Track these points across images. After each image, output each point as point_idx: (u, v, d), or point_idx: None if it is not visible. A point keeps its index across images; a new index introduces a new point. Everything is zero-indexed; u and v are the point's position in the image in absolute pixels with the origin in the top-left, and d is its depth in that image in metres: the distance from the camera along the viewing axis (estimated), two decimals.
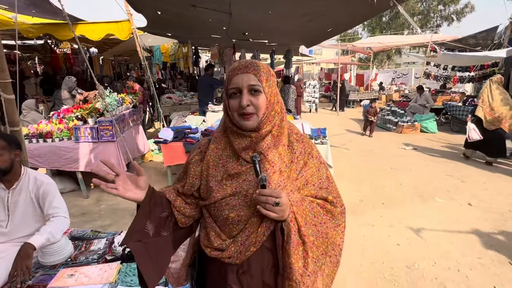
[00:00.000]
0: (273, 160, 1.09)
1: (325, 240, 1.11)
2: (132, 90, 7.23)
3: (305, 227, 1.06)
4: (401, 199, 4.67)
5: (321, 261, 1.10)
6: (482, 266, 3.05)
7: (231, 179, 1.10)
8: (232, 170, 1.10)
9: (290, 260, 1.04)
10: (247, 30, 7.31)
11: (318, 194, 1.14)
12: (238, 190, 1.08)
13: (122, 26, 6.41)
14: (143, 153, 6.22)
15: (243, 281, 1.08)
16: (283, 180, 1.10)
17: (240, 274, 1.09)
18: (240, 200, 1.08)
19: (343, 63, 19.57)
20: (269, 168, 1.08)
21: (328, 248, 1.12)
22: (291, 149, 1.15)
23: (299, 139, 1.19)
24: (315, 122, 9.13)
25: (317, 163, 1.18)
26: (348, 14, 5.29)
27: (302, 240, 1.06)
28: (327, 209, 1.14)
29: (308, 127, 5.24)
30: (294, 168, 1.13)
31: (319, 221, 1.10)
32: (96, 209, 4.32)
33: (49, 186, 2.12)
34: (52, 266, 1.97)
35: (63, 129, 4.60)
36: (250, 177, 1.09)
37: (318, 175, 1.16)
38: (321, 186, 1.15)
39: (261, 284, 1.10)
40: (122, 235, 2.29)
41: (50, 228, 1.98)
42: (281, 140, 1.12)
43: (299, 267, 1.04)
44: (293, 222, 1.05)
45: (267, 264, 1.09)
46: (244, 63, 1.09)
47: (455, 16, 27.81)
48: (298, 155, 1.15)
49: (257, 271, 1.09)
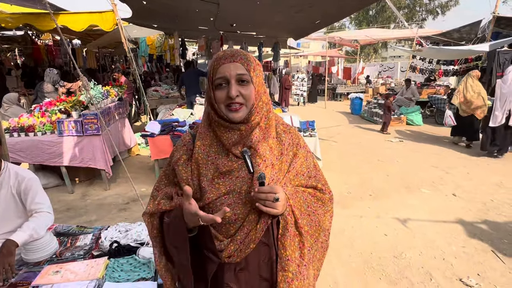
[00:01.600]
0: (264, 154, 1.06)
1: (318, 228, 1.12)
2: (118, 82, 7.07)
3: (301, 218, 1.07)
4: (388, 190, 4.74)
5: (314, 248, 1.12)
6: (466, 255, 3.14)
7: (223, 177, 1.05)
8: (223, 168, 1.05)
9: (287, 252, 1.04)
10: (235, 21, 7.23)
11: (308, 183, 1.15)
12: (232, 188, 1.04)
13: (106, 16, 6.21)
14: (130, 147, 6.12)
15: (241, 278, 1.06)
16: (275, 174, 1.08)
17: (237, 272, 1.06)
18: (235, 198, 1.04)
19: (331, 56, 19.62)
20: (261, 162, 1.05)
21: (320, 235, 1.14)
22: (279, 140, 1.13)
23: (286, 130, 1.17)
24: (303, 115, 9.15)
25: (305, 152, 1.18)
26: (336, 6, 5.28)
27: (299, 232, 1.06)
28: (317, 197, 1.15)
29: (297, 120, 5.25)
30: (285, 160, 1.12)
31: (312, 211, 1.11)
32: (82, 204, 4.24)
33: (31, 181, 2.05)
34: (36, 263, 1.91)
35: (45, 122, 4.47)
36: (243, 173, 1.05)
37: (306, 165, 1.16)
38: (310, 175, 1.17)
39: (258, 279, 1.08)
40: (109, 230, 2.24)
41: (33, 224, 1.91)
42: (270, 133, 1.10)
43: (295, 257, 1.05)
44: (290, 215, 1.05)
45: (263, 258, 1.08)
46: (230, 52, 1.04)
47: (440, 9, 28.18)
48: (287, 147, 1.14)
49: (254, 267, 1.07)
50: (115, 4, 6.01)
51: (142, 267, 1.86)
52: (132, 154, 6.30)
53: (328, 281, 2.76)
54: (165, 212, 1.09)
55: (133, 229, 2.22)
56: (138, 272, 1.81)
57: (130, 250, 2.00)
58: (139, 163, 5.92)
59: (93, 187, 4.79)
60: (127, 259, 1.91)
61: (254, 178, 1.03)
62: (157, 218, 1.10)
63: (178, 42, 9.35)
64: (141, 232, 2.20)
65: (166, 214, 1.08)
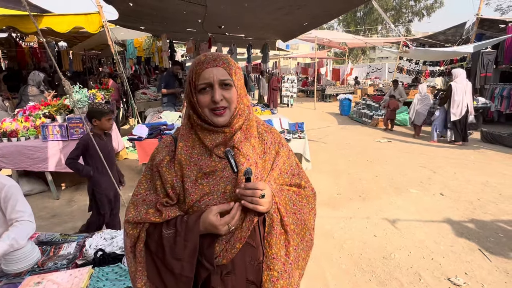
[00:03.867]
0: (247, 153, 1.07)
1: (304, 227, 1.13)
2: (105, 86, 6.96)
3: (287, 216, 1.08)
4: (377, 191, 4.77)
5: (300, 247, 1.12)
6: (454, 254, 3.17)
7: (206, 177, 1.04)
8: (206, 168, 1.04)
9: (272, 251, 1.05)
10: (223, 23, 7.20)
11: (292, 182, 1.17)
12: (216, 189, 1.04)
13: (91, 18, 6.11)
14: (118, 151, 6.01)
15: (227, 282, 1.03)
16: (259, 172, 1.09)
17: (224, 276, 1.04)
18: (220, 198, 1.03)
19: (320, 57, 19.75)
20: (245, 161, 1.06)
21: (306, 234, 1.14)
22: (261, 139, 1.15)
23: (267, 129, 1.20)
24: (293, 116, 9.19)
25: (287, 151, 1.20)
26: (323, 8, 5.31)
27: (284, 230, 1.07)
28: (302, 195, 1.17)
29: (286, 121, 5.24)
30: (268, 159, 1.14)
31: (297, 209, 1.12)
32: (68, 211, 4.14)
33: (12, 188, 1.98)
34: (17, 274, 1.84)
35: (29, 127, 4.36)
36: (227, 173, 1.05)
37: (289, 163, 1.18)
38: (293, 173, 1.18)
39: (245, 282, 1.06)
40: (94, 237, 2.18)
41: (14, 233, 1.84)
42: (251, 133, 1.12)
43: (281, 256, 1.06)
44: (276, 213, 1.05)
45: (250, 260, 1.06)
46: (211, 56, 1.04)
47: (426, 11, 28.71)
48: (270, 145, 1.16)
49: (241, 270, 1.05)
50: (101, 6, 5.92)
51: (127, 276, 1.81)
52: (120, 158, 6.20)
53: (318, 283, 2.75)
54: (152, 224, 1.04)
55: (118, 236, 2.17)
56: (124, 281, 1.77)
57: (115, 258, 1.95)
58: (127, 167, 5.83)
59: (79, 193, 4.69)
60: (112, 268, 1.86)
61: (239, 177, 1.03)
62: (145, 231, 1.05)
63: (166, 44, 9.26)
64: None
65: (164, 226, 1.03)
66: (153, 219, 1.03)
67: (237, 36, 9.05)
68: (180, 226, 1.01)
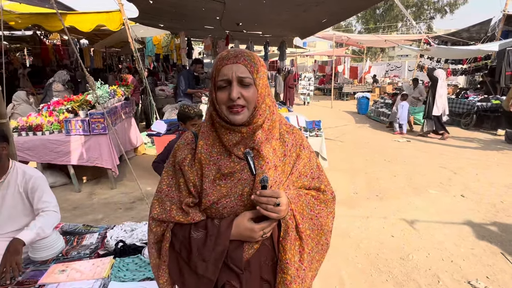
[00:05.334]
0: (267, 155, 1.05)
1: (320, 232, 1.13)
2: (125, 82, 7.11)
3: (302, 223, 1.07)
4: (395, 191, 4.69)
5: (314, 250, 1.12)
6: (475, 257, 3.08)
7: (224, 178, 1.04)
8: (225, 169, 1.03)
9: (286, 256, 1.05)
10: (241, 20, 7.21)
11: (311, 185, 1.15)
12: (233, 191, 1.04)
13: (113, 16, 6.26)
14: (136, 146, 6.15)
15: (242, 278, 1.05)
16: (278, 176, 1.08)
17: (239, 273, 1.06)
18: (237, 200, 1.04)
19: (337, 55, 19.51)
20: (264, 164, 1.04)
21: (322, 238, 1.14)
22: (282, 141, 1.12)
23: (289, 130, 1.17)
24: (309, 114, 9.10)
25: (308, 153, 1.17)
26: (342, 5, 5.24)
27: (299, 236, 1.07)
28: (320, 199, 1.15)
29: (303, 119, 5.22)
30: (288, 162, 1.11)
31: (315, 214, 1.11)
32: (88, 203, 4.26)
33: (38, 180, 2.06)
34: (43, 262, 1.92)
35: (53, 121, 4.50)
36: (245, 175, 1.04)
37: (309, 165, 1.16)
38: (313, 176, 1.16)
39: (259, 280, 1.08)
40: (114, 229, 2.25)
41: (40, 223, 1.92)
42: (273, 134, 1.09)
43: (295, 261, 1.06)
44: (291, 219, 1.05)
45: (265, 260, 1.08)
46: (233, 52, 1.02)
47: (448, 8, 27.86)
48: (291, 148, 1.13)
49: (256, 268, 1.07)
50: (122, 4, 6.04)
51: (147, 267, 1.86)
52: (138, 154, 6.33)
53: (333, 282, 2.74)
54: (177, 224, 1.07)
55: (138, 229, 2.22)
56: (143, 272, 1.82)
57: (135, 250, 2.00)
58: (145, 162, 5.93)
59: (99, 186, 4.81)
60: (132, 259, 1.92)
61: (256, 181, 1.02)
62: (170, 230, 1.07)
63: (184, 41, 9.37)
64: (146, 232, 2.20)
65: (192, 227, 1.05)
66: (177, 219, 1.05)
67: (255, 33, 9.05)
68: (212, 230, 1.02)
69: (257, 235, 1.02)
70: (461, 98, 9.43)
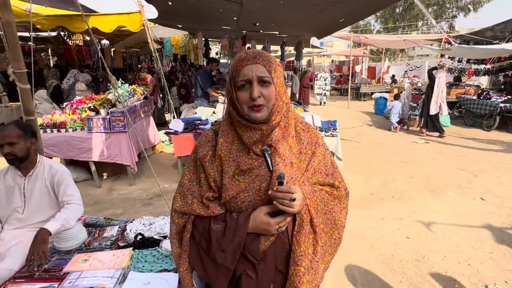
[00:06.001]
0: (284, 153, 1.10)
1: (333, 226, 1.17)
2: (144, 81, 7.29)
3: (316, 217, 1.11)
4: (412, 192, 4.62)
5: (327, 244, 1.16)
6: (493, 261, 3.02)
7: (243, 174, 1.09)
8: (244, 165, 1.09)
9: (300, 249, 1.09)
10: (258, 20, 7.26)
11: (325, 181, 1.19)
12: (251, 186, 1.09)
13: (133, 17, 6.42)
14: (154, 144, 6.29)
15: (258, 269, 1.10)
16: (294, 172, 1.12)
17: (256, 263, 1.11)
18: (255, 195, 1.09)
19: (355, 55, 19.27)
20: (281, 161, 1.09)
21: (335, 232, 1.18)
22: (298, 139, 1.17)
23: (305, 128, 1.21)
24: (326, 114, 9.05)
25: (323, 150, 1.21)
26: (359, 4, 5.19)
27: (314, 230, 1.11)
28: (334, 195, 1.19)
29: (319, 119, 5.21)
30: (303, 159, 1.16)
31: (328, 209, 1.16)
32: (108, 198, 4.41)
33: (64, 174, 2.18)
34: (67, 251, 2.02)
35: (76, 119, 4.68)
36: (262, 171, 1.08)
37: (324, 163, 1.20)
38: (328, 173, 1.20)
39: (274, 270, 1.13)
40: (134, 222, 2.33)
41: (65, 214, 2.03)
42: (289, 132, 1.13)
43: (308, 253, 1.10)
44: (306, 213, 1.10)
45: (280, 252, 1.13)
46: (252, 53, 1.07)
47: (472, 6, 27.00)
48: (306, 145, 1.17)
49: (271, 259, 1.12)
50: (142, 5, 6.20)
51: (164, 259, 1.93)
52: (156, 151, 6.48)
53: (346, 281, 2.74)
54: (198, 217, 1.13)
55: (156, 223, 2.31)
56: (161, 264, 1.89)
57: (153, 243, 2.08)
58: (163, 160, 6.08)
59: (119, 182, 4.97)
60: (150, 251, 1.99)
61: (273, 177, 1.06)
62: (191, 222, 1.13)
63: (201, 41, 9.50)
64: (164, 226, 2.28)
65: (212, 220, 1.11)
66: (198, 211, 1.11)
67: (271, 33, 9.08)
68: (230, 222, 1.08)
69: (273, 228, 1.07)
70: (483, 99, 9.15)
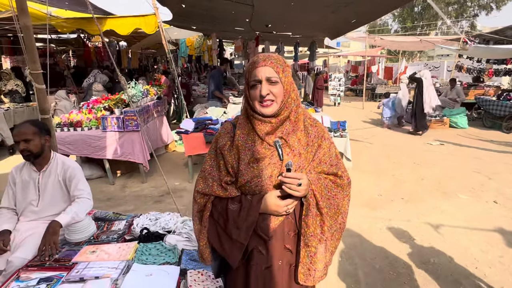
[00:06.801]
0: (293, 144, 1.26)
1: (337, 211, 1.31)
2: (158, 82, 7.46)
3: (321, 201, 1.26)
4: (422, 194, 4.56)
5: (334, 228, 1.31)
6: (502, 265, 2.97)
7: (257, 162, 1.24)
8: (258, 154, 1.24)
9: (309, 230, 1.26)
10: (270, 22, 7.31)
11: (330, 171, 1.33)
12: (264, 173, 1.24)
13: (149, 20, 6.57)
14: (167, 143, 6.44)
15: (269, 245, 1.26)
16: (302, 162, 1.28)
17: (266, 240, 1.27)
18: (267, 180, 1.24)
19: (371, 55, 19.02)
20: (290, 151, 1.25)
21: (339, 217, 1.32)
22: (306, 133, 1.32)
23: (312, 123, 1.36)
24: (339, 115, 9.01)
25: (328, 143, 1.35)
26: (372, 4, 5.17)
27: (320, 212, 1.26)
28: (337, 183, 1.33)
29: (328, 119, 5.22)
30: (310, 150, 1.31)
31: (332, 195, 1.30)
32: (121, 195, 4.56)
33: (75, 170, 2.29)
34: (77, 243, 2.13)
35: (91, 118, 4.86)
36: (274, 160, 1.24)
37: (329, 154, 1.34)
38: (332, 164, 1.34)
39: (282, 248, 1.28)
40: (141, 217, 2.43)
41: (75, 208, 2.14)
42: (298, 126, 1.29)
43: (317, 233, 1.26)
44: (312, 198, 1.25)
45: (288, 231, 1.29)
46: (262, 57, 1.23)
47: (495, 4, 26.15)
48: (313, 138, 1.32)
49: (280, 237, 1.27)
50: (157, 8, 6.35)
51: (167, 253, 2.01)
52: (169, 150, 6.63)
53: (350, 281, 2.76)
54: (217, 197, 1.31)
55: (162, 218, 2.39)
56: (164, 257, 1.97)
57: (158, 237, 2.17)
58: (175, 158, 6.22)
59: (131, 180, 5.12)
60: (154, 245, 2.08)
61: (283, 165, 1.23)
62: (211, 202, 1.31)
63: (216, 43, 9.63)
64: (169, 221, 2.36)
65: (229, 201, 1.27)
66: (217, 193, 1.29)
67: (284, 34, 9.11)
68: (245, 203, 1.24)
69: (282, 210, 1.23)
70: (503, 100, 8.88)
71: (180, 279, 1.77)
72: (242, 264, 1.30)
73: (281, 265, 1.28)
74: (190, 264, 1.91)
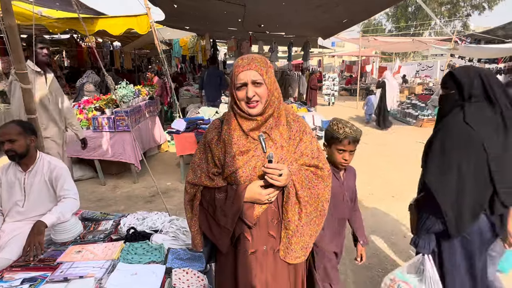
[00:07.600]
0: (275, 138, 1.35)
1: (317, 200, 1.39)
2: (150, 82, 7.44)
3: (301, 190, 1.35)
4: (412, 192, 4.58)
5: (313, 214, 1.39)
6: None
7: (242, 154, 1.32)
8: (243, 148, 1.33)
9: (288, 215, 1.36)
10: (262, 22, 7.32)
11: (311, 163, 1.41)
12: (248, 164, 1.32)
13: (141, 20, 6.54)
14: (159, 144, 6.43)
15: (253, 231, 1.37)
16: (284, 154, 1.36)
17: (251, 227, 1.37)
18: (251, 171, 1.33)
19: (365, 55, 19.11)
20: (273, 145, 1.34)
21: (319, 205, 1.40)
22: (289, 127, 1.40)
23: (295, 119, 1.44)
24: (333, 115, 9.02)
25: (310, 138, 1.44)
26: (362, 4, 5.20)
27: (298, 201, 1.35)
28: (318, 174, 1.41)
29: (319, 119, 5.24)
30: (292, 144, 1.39)
31: (312, 185, 1.38)
32: (112, 196, 4.54)
33: (61, 170, 2.29)
34: (62, 243, 2.12)
35: (82, 119, 4.83)
36: (258, 152, 1.33)
37: (310, 148, 1.42)
38: (313, 156, 1.42)
39: (266, 234, 1.38)
40: (128, 217, 2.42)
41: (61, 208, 2.13)
42: (280, 121, 1.38)
43: (295, 220, 1.36)
44: (292, 187, 1.34)
45: (271, 218, 1.38)
46: (246, 60, 1.31)
47: (487, 4, 26.42)
48: (295, 133, 1.40)
49: (263, 224, 1.38)
50: (149, 8, 6.33)
51: (154, 252, 2.01)
52: (162, 151, 6.62)
53: None
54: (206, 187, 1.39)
55: (149, 218, 2.39)
56: (150, 256, 1.97)
57: (144, 236, 2.16)
58: (168, 159, 6.21)
59: (123, 180, 5.11)
60: (141, 244, 2.08)
61: (265, 157, 1.31)
62: (200, 192, 1.40)
63: (209, 43, 9.63)
64: (156, 221, 2.36)
65: (216, 190, 1.36)
66: (205, 183, 1.38)
67: (277, 34, 9.13)
68: (231, 192, 1.33)
69: (264, 198, 1.32)
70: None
71: (166, 278, 1.77)
72: (231, 249, 1.40)
73: (266, 250, 1.38)
74: (175, 263, 1.91)
